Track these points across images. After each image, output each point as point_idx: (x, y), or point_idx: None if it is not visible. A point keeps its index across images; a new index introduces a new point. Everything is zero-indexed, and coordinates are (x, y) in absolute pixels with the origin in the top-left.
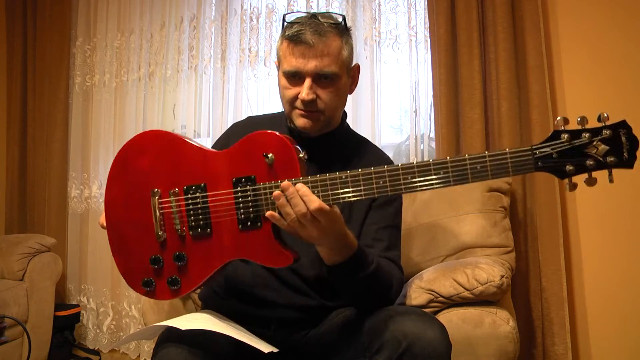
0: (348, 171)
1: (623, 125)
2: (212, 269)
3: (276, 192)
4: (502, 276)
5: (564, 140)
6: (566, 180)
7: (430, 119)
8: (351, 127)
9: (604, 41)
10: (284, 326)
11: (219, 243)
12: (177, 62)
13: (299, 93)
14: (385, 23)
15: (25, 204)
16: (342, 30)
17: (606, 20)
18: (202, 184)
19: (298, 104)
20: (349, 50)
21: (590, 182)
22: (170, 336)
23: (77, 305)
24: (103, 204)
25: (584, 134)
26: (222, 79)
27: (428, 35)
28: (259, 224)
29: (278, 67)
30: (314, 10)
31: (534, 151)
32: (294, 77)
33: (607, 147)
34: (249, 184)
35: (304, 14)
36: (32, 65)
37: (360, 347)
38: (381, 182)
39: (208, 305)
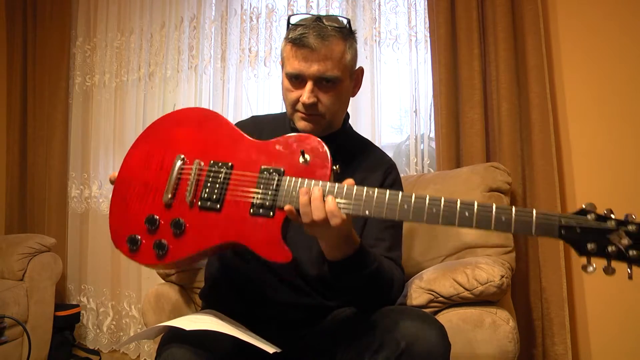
0: (376, 189)
1: None
2: (208, 244)
3: (304, 188)
4: (502, 276)
5: (590, 219)
6: (584, 260)
7: (430, 119)
8: (351, 127)
9: (604, 41)
10: (285, 326)
11: (225, 221)
12: (177, 62)
13: (301, 96)
14: (385, 23)
15: (25, 204)
16: (346, 34)
17: (606, 21)
18: (230, 163)
19: (299, 106)
20: (352, 54)
21: (608, 271)
22: (174, 336)
23: (77, 305)
24: (103, 204)
25: (610, 221)
26: (222, 79)
27: (428, 35)
28: (272, 213)
29: (281, 69)
30: (314, 10)
31: (561, 219)
32: (296, 80)
33: (631, 241)
34: (277, 174)
35: (308, 17)
36: (32, 65)
37: (360, 347)
38: (405, 207)
39: (209, 303)
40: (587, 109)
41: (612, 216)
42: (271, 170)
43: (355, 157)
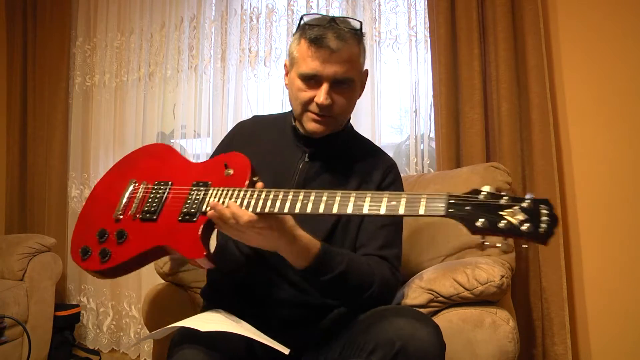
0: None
1: (546, 201)
2: (141, 249)
3: (212, 202)
4: (502, 276)
5: (481, 197)
6: (479, 238)
7: (430, 119)
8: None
9: (604, 41)
10: (285, 325)
11: (159, 228)
12: (177, 62)
13: (315, 97)
14: (385, 23)
15: (25, 204)
16: (360, 36)
17: (606, 21)
18: (170, 182)
19: (312, 107)
20: (364, 56)
21: (507, 247)
22: (186, 337)
23: (77, 305)
24: None
25: (504, 197)
26: (222, 79)
27: (428, 35)
28: (195, 218)
29: (289, 67)
30: (314, 10)
31: (449, 198)
32: (310, 80)
33: (525, 216)
34: (204, 186)
35: (321, 17)
36: (32, 65)
37: (356, 347)
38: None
39: (210, 302)
40: (587, 109)
41: (506, 195)
42: (200, 184)
43: (356, 156)
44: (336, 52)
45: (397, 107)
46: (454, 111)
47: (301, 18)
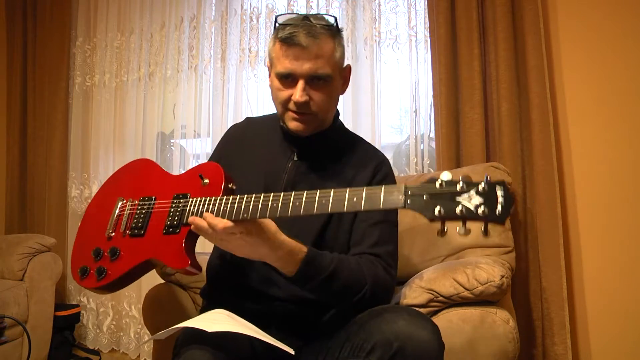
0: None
1: (501, 183)
2: (132, 263)
3: (190, 218)
4: (502, 276)
5: (437, 186)
6: (438, 226)
7: (430, 119)
8: (351, 127)
9: (604, 41)
10: (285, 323)
11: (147, 243)
12: (177, 62)
13: (292, 95)
14: (385, 23)
15: (25, 204)
16: (335, 31)
17: (606, 21)
18: (153, 197)
19: (291, 105)
20: (341, 51)
21: (466, 231)
22: (193, 337)
23: (77, 305)
24: None
25: (459, 184)
26: (222, 79)
27: (428, 35)
28: (178, 230)
29: (270, 69)
30: (314, 10)
31: (407, 190)
32: (287, 79)
33: (482, 200)
34: (184, 198)
35: (295, 16)
36: (32, 65)
37: (354, 347)
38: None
39: (210, 302)
40: (587, 109)
41: (461, 180)
42: (180, 196)
43: (345, 153)
44: (307, 49)
45: (397, 107)
46: (454, 111)
47: (276, 19)
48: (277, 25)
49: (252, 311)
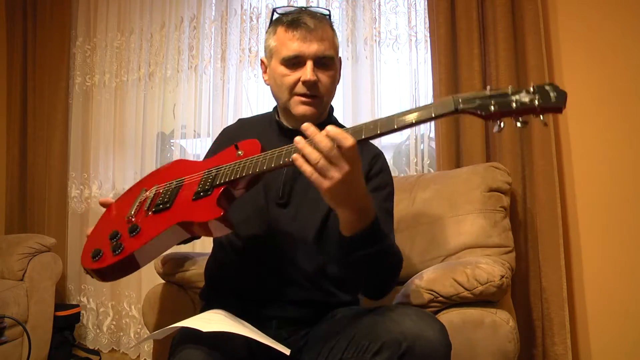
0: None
1: (550, 84)
2: (153, 233)
3: (296, 138)
4: (502, 276)
5: (487, 92)
6: (490, 123)
7: None
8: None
9: (604, 41)
10: (285, 324)
11: (173, 212)
12: (177, 62)
13: (300, 77)
14: (385, 23)
15: (25, 204)
16: (331, 22)
17: (606, 21)
18: (182, 178)
19: (299, 89)
20: (337, 42)
21: (518, 123)
22: (188, 337)
23: (77, 305)
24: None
25: (509, 88)
26: (222, 79)
27: (428, 35)
28: (210, 192)
29: (269, 60)
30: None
31: (458, 97)
32: (293, 63)
33: (534, 95)
34: (217, 170)
35: (293, 8)
36: (32, 65)
37: (360, 348)
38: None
39: (209, 303)
40: (587, 109)
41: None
42: (213, 170)
43: None
44: (314, 30)
45: (397, 107)
46: None
47: (273, 11)
48: (275, 16)
49: (252, 312)
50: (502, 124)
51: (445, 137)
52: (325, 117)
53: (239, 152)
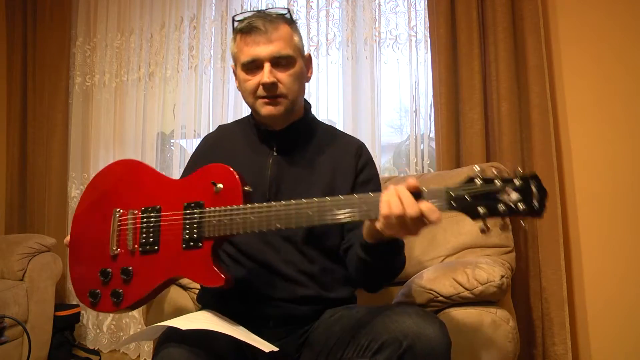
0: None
1: (534, 177)
2: (154, 284)
3: (386, 196)
4: (502, 276)
5: (477, 185)
6: (480, 223)
7: (430, 119)
8: (351, 127)
9: (604, 41)
10: (281, 322)
11: (164, 260)
12: (177, 62)
13: (259, 81)
14: (385, 23)
15: (25, 204)
16: (289, 20)
17: (606, 20)
18: (158, 207)
19: (260, 91)
20: (299, 37)
21: (504, 227)
22: (172, 336)
23: (77, 305)
24: None
25: (496, 181)
26: (222, 79)
27: (428, 35)
28: (200, 244)
29: (235, 67)
30: (314, 10)
31: (449, 192)
32: (252, 67)
33: (519, 196)
34: (198, 208)
35: (250, 12)
36: (32, 65)
37: (360, 347)
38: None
39: (206, 306)
40: (587, 109)
41: (498, 177)
42: (192, 205)
43: (322, 145)
44: (266, 32)
45: (397, 107)
46: (454, 111)
47: (233, 20)
48: (234, 24)
49: (248, 312)
50: (489, 227)
51: (445, 137)
52: (301, 115)
53: (218, 186)
